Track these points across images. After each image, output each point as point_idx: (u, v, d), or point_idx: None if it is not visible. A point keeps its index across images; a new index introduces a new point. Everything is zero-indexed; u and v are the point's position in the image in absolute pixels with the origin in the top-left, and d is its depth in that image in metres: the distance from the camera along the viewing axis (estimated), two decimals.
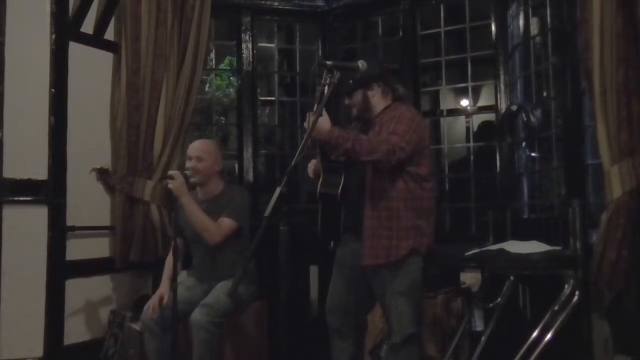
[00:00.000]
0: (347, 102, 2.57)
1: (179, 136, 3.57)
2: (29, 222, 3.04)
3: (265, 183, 4.32)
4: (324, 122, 2.24)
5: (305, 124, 2.31)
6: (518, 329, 2.85)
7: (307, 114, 2.29)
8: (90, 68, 3.41)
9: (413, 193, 2.40)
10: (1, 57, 2.96)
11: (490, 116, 4.02)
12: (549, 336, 2.33)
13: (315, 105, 2.24)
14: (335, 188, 2.45)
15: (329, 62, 2.23)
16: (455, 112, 4.63)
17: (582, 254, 2.47)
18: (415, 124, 2.39)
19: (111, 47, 3.51)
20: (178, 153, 3.54)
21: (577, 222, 2.52)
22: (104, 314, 3.39)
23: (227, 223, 2.88)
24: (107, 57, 3.52)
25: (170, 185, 2.76)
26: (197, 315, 2.75)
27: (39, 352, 3.00)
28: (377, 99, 2.53)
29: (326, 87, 2.20)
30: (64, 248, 3.16)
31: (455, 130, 5.54)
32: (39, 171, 3.07)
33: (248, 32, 4.12)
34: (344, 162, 2.44)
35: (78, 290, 3.27)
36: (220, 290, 2.85)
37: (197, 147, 3.01)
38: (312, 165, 2.63)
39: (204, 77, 4.71)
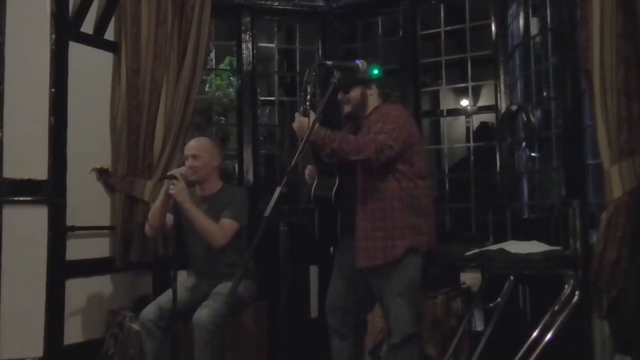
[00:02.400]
0: (341, 96, 2.56)
1: (179, 136, 3.57)
2: (29, 222, 3.04)
3: (265, 183, 4.32)
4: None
5: (294, 124, 2.31)
6: (518, 329, 2.85)
7: (296, 114, 2.30)
8: (90, 68, 3.41)
9: (408, 192, 2.40)
10: (1, 57, 2.96)
11: (490, 116, 4.02)
12: (549, 336, 2.33)
13: (301, 106, 2.25)
14: (330, 191, 2.46)
15: (328, 62, 2.24)
16: (455, 112, 4.63)
17: (582, 254, 2.47)
18: (402, 121, 2.39)
19: (111, 47, 3.51)
20: (178, 153, 3.53)
21: (577, 222, 2.52)
22: (104, 314, 3.39)
23: (229, 224, 2.88)
24: (107, 57, 3.52)
25: (171, 191, 2.76)
26: (199, 315, 2.75)
27: (39, 352, 3.00)
28: (373, 99, 2.53)
29: (309, 87, 2.22)
30: (64, 248, 3.16)
31: (455, 130, 5.54)
32: (39, 171, 3.06)
33: (248, 32, 4.12)
34: (337, 164, 2.43)
35: (78, 290, 3.27)
36: (221, 291, 2.85)
37: (192, 145, 3.01)
38: (308, 170, 2.63)
39: (204, 77, 4.70)
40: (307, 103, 2.23)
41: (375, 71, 2.39)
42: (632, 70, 2.37)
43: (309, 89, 2.24)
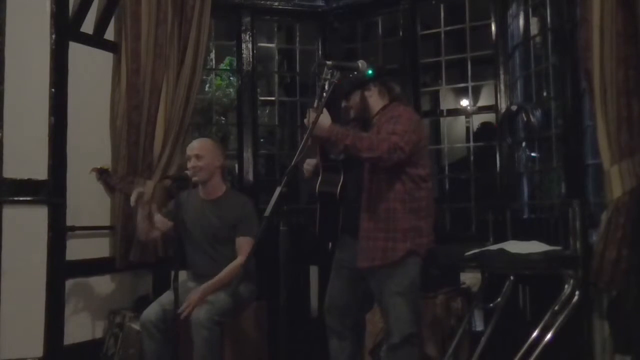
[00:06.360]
0: (344, 104, 2.57)
1: (179, 136, 3.57)
2: (29, 222, 3.04)
3: (265, 183, 4.31)
4: (324, 119, 2.24)
5: (306, 121, 2.31)
6: (518, 329, 2.85)
7: (308, 110, 2.29)
8: (90, 68, 3.41)
9: (411, 194, 2.40)
10: (1, 57, 2.96)
11: (490, 116, 4.02)
12: (549, 336, 2.33)
13: (316, 101, 2.25)
14: (335, 187, 2.45)
15: (329, 62, 2.23)
16: (455, 112, 4.61)
17: (582, 254, 2.48)
18: (414, 124, 2.39)
19: (111, 47, 3.51)
20: (178, 153, 3.53)
21: (577, 222, 2.52)
22: (104, 314, 3.39)
23: (247, 243, 2.89)
24: (107, 57, 3.52)
25: (188, 310, 2.79)
26: (197, 314, 2.75)
27: (39, 352, 3.00)
28: (374, 99, 2.53)
29: (327, 84, 2.21)
30: (64, 248, 3.16)
31: (455, 130, 5.54)
32: (39, 171, 3.07)
33: (248, 32, 4.12)
34: (343, 161, 2.43)
35: (78, 290, 3.27)
36: (221, 290, 2.86)
37: (195, 145, 3.03)
38: (307, 164, 2.63)
39: (204, 77, 4.69)
40: (323, 100, 2.23)
41: (369, 72, 2.40)
42: (632, 70, 2.37)
43: (326, 86, 2.23)
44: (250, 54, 4.13)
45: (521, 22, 3.57)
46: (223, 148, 3.31)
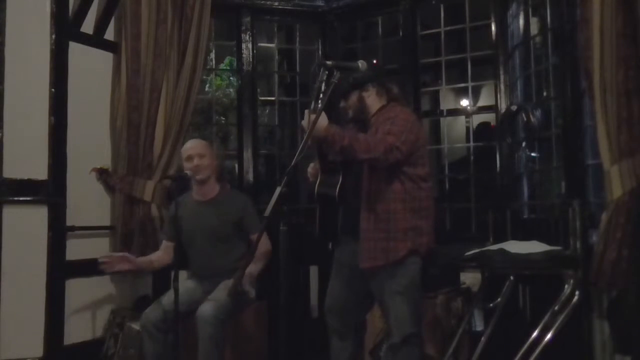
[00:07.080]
0: (342, 104, 2.57)
1: (179, 136, 3.56)
2: (29, 222, 3.04)
3: (265, 183, 4.32)
4: (321, 119, 2.24)
5: (303, 122, 2.31)
6: (518, 329, 2.85)
7: (306, 112, 2.29)
8: (90, 68, 3.41)
9: (411, 194, 2.40)
10: (1, 57, 2.96)
11: (490, 116, 4.02)
12: (549, 336, 2.33)
13: (313, 103, 2.25)
14: (333, 188, 2.46)
15: (328, 62, 2.23)
16: (455, 112, 4.61)
17: (582, 254, 2.48)
18: (410, 124, 2.39)
19: (111, 47, 3.51)
20: (178, 153, 3.53)
21: (577, 222, 2.52)
22: (104, 314, 3.39)
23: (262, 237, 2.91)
24: (107, 57, 3.52)
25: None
26: (203, 310, 2.75)
27: (39, 352, 3.00)
28: (372, 100, 2.53)
29: (323, 85, 2.21)
30: (64, 248, 3.16)
31: (455, 130, 5.54)
32: (39, 171, 3.06)
33: (248, 32, 4.12)
34: (341, 162, 2.44)
35: (78, 290, 3.26)
36: (226, 288, 2.85)
37: (195, 145, 3.05)
38: (311, 168, 2.63)
39: (204, 77, 4.70)
40: (319, 102, 2.23)
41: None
42: (632, 70, 2.37)
43: (322, 88, 2.23)
44: (250, 54, 4.13)
45: (521, 22, 3.57)
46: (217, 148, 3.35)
